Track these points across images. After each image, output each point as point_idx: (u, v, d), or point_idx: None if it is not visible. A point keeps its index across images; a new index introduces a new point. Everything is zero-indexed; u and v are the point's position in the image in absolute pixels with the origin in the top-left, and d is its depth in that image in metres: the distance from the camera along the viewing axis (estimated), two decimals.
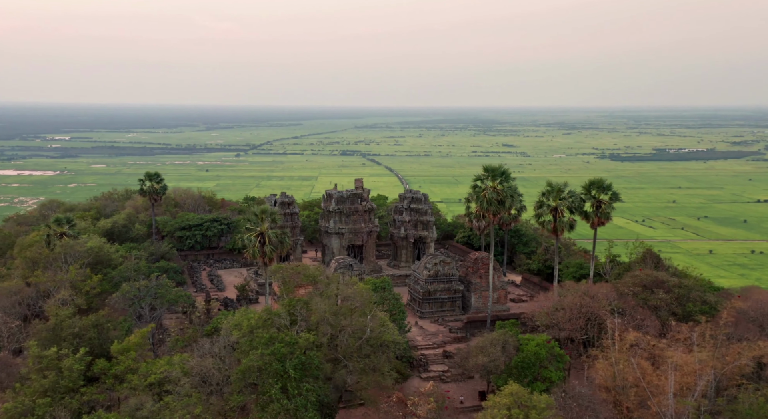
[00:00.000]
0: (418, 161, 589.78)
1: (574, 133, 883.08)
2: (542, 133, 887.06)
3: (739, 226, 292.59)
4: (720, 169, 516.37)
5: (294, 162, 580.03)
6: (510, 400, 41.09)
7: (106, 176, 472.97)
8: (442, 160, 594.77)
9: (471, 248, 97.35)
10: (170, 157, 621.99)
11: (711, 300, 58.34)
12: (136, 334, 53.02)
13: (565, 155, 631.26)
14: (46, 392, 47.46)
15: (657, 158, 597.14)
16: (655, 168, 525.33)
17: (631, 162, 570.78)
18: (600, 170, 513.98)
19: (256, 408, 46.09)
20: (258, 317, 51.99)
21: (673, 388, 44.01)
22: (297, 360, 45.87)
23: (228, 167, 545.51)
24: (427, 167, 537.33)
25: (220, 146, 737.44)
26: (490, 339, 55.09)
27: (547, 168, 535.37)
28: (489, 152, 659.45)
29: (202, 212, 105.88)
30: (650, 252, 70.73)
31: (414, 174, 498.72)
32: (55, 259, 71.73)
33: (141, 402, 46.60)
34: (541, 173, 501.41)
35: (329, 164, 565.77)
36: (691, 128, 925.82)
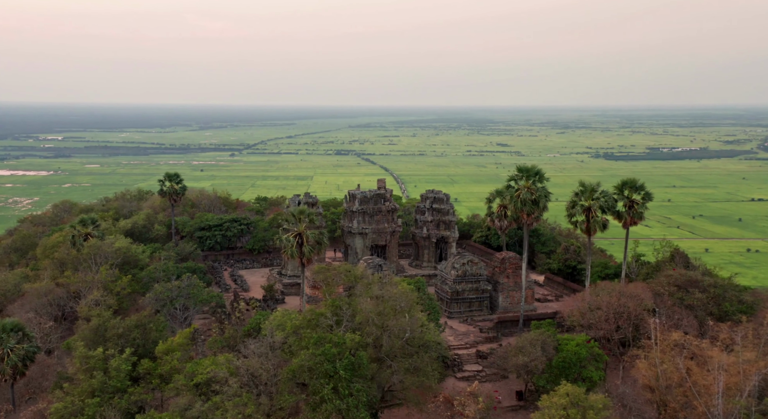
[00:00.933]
0: (413, 160, 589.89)
1: (567, 132, 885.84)
2: (536, 132, 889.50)
3: (734, 224, 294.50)
4: (713, 168, 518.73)
5: (289, 162, 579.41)
6: (566, 400, 41.27)
7: (100, 175, 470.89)
8: (437, 159, 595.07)
9: (489, 248, 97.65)
10: (164, 157, 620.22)
11: (748, 300, 58.79)
12: (180, 334, 53.14)
13: (559, 154, 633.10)
14: (94, 392, 47.60)
15: (650, 157, 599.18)
16: (648, 167, 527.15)
17: (624, 161, 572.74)
18: (594, 169, 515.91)
19: (307, 408, 46.22)
20: (302, 317, 52.12)
21: (721, 388, 44.33)
22: (347, 361, 46.02)
23: (223, 166, 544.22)
24: (423, 167, 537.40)
25: (214, 145, 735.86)
26: (528, 339, 55.32)
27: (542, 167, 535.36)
28: (483, 151, 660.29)
29: (218, 212, 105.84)
30: (678, 252, 71.24)
31: (409, 174, 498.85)
32: (83, 260, 71.68)
33: (189, 402, 46.73)
34: None
35: (324, 164, 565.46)
36: (684, 127, 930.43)
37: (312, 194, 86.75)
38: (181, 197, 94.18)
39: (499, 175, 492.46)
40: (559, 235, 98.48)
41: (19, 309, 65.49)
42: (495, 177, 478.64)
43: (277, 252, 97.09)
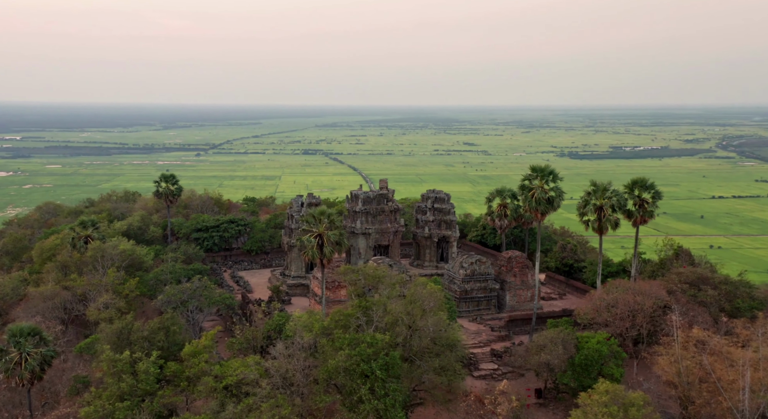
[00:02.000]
0: (382, 159, 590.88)
1: (532, 131, 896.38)
2: (501, 131, 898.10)
3: (697, 221, 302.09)
4: (674, 166, 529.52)
5: (256, 161, 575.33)
6: (607, 398, 41.89)
7: (62, 176, 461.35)
8: (405, 159, 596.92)
9: (485, 247, 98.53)
10: (128, 157, 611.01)
11: (759, 296, 60.42)
12: (205, 336, 52.77)
13: (525, 153, 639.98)
14: (122, 396, 47.00)
15: (614, 156, 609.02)
16: (612, 166, 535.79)
17: (589, 160, 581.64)
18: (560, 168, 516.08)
19: (344, 408, 46.20)
20: (330, 318, 52.02)
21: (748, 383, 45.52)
22: (382, 361, 46.10)
23: (189, 166, 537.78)
24: (391, 166, 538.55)
25: (179, 145, 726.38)
26: (548, 337, 56.02)
27: (509, 166, 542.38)
28: (451, 150, 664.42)
29: (211, 213, 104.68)
30: (683, 249, 72.89)
31: (378, 173, 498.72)
32: (86, 263, 70.41)
33: (221, 404, 46.42)
34: (503, 171, 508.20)
35: (292, 163, 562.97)
36: (645, 127, 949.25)
37: (315, 194, 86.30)
38: (177, 198, 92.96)
39: (467, 174, 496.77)
40: (553, 234, 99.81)
41: (25, 313, 64.14)
42: (463, 176, 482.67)
43: (276, 253, 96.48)
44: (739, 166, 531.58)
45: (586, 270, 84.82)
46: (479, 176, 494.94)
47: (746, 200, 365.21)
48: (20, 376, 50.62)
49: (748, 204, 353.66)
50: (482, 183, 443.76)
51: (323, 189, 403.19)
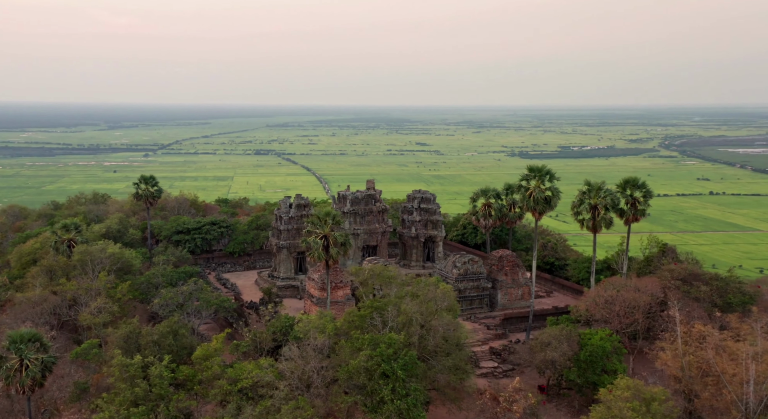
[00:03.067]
0: (335, 160, 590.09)
1: (483, 131, 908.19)
2: (452, 131, 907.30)
3: (644, 219, 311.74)
4: (621, 165, 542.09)
5: (207, 162, 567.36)
6: (629, 393, 42.91)
7: (3, 178, 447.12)
8: (359, 159, 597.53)
9: (467, 246, 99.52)
10: (72, 157, 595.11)
11: (749, 291, 62.77)
12: (216, 339, 52.16)
13: (477, 153, 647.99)
14: (136, 401, 46.01)
15: (562, 156, 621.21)
16: (561, 165, 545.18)
17: (539, 159, 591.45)
18: (511, 168, 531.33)
19: (365, 409, 46.18)
20: (344, 319, 51.91)
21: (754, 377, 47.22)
22: (402, 361, 46.28)
23: (137, 167, 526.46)
24: (345, 166, 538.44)
25: (126, 145, 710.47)
26: (552, 335, 57.02)
27: (461, 166, 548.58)
28: (404, 150, 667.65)
29: (187, 215, 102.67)
30: (668, 247, 75.11)
31: (332, 173, 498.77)
32: (73, 267, 68.40)
33: (238, 407, 45.95)
34: (456, 171, 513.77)
35: (244, 164, 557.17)
36: (591, 127, 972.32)
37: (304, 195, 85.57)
38: (156, 200, 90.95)
39: (421, 174, 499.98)
40: (532, 232, 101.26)
41: (12, 320, 62.04)
42: (417, 176, 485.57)
43: (258, 254, 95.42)
44: (682, 165, 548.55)
45: (570, 268, 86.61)
46: (433, 176, 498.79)
47: (689, 198, 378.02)
48: (21, 383, 49.17)
49: (691, 202, 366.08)
50: (436, 183, 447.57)
51: (277, 190, 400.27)
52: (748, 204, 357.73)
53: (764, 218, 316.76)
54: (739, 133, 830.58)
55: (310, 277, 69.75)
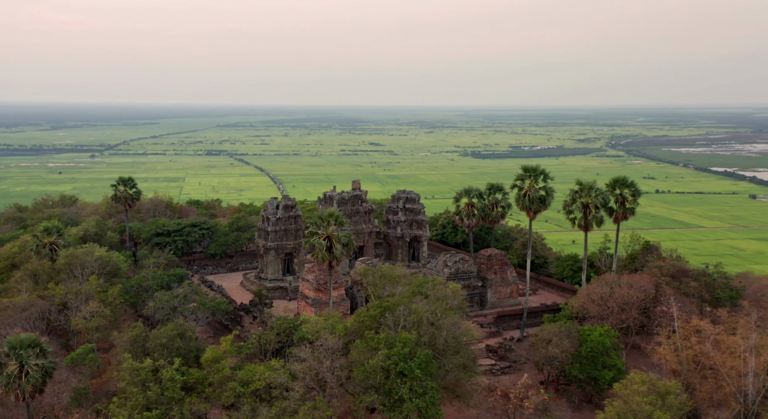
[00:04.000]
0: (288, 160, 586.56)
1: (435, 131, 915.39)
2: (405, 131, 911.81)
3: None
4: (570, 165, 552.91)
5: (156, 163, 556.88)
6: (645, 388, 44.01)
7: None
8: (312, 159, 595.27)
9: (447, 246, 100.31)
10: (14, 159, 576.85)
11: (735, 286, 65.10)
12: (224, 341, 51.59)
13: (430, 153, 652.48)
14: (148, 405, 45.11)
15: (514, 155, 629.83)
16: (513, 165, 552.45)
17: (491, 159, 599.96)
18: (465, 168, 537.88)
19: (383, 408, 46.24)
20: (354, 319, 51.80)
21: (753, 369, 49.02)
22: (419, 360, 46.52)
23: (83, 168, 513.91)
24: (299, 167, 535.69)
25: (71, 146, 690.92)
26: (552, 331, 58.03)
27: (416, 166, 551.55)
28: (357, 150, 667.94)
29: (163, 217, 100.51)
30: (650, 244, 77.34)
31: (286, 174, 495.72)
32: (59, 270, 66.52)
33: (253, 409, 45.55)
34: (410, 171, 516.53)
35: (195, 165, 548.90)
36: (540, 127, 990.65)
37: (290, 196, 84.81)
38: (136, 202, 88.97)
39: (375, 174, 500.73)
40: (511, 231, 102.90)
41: (0, 325, 59.70)
42: (372, 176, 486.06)
43: (240, 256, 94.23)
44: (628, 164, 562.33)
45: (552, 265, 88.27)
46: (387, 176, 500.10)
47: None
48: (22, 390, 47.69)
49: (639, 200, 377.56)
50: (391, 183, 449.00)
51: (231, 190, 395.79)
52: (692, 202, 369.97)
53: (707, 216, 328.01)
54: (680, 133, 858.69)
55: (304, 278, 69.31)
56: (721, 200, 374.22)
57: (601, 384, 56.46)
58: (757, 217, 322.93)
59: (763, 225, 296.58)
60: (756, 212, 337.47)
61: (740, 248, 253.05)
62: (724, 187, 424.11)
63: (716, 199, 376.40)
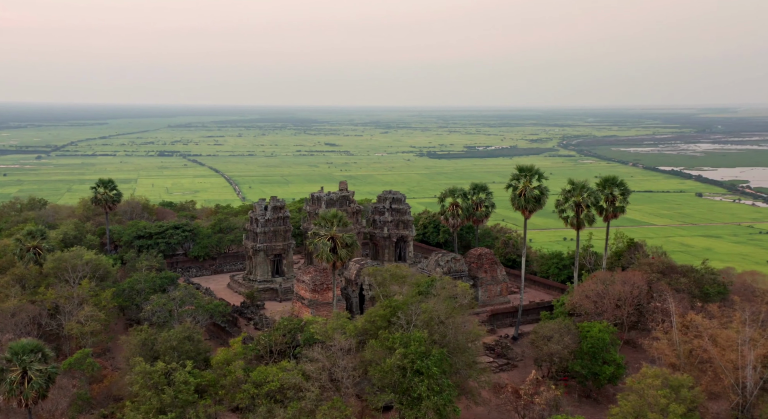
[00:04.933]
0: (243, 161, 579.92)
1: (390, 132, 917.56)
2: (361, 132, 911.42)
3: (549, 216, 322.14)
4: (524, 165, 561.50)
5: (107, 164, 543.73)
6: (659, 381, 45.19)
7: None
8: (268, 160, 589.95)
9: (428, 246, 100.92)
10: None
11: (723, 281, 67.32)
12: (233, 343, 51.14)
13: (386, 153, 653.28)
14: (163, 408, 44.57)
15: (469, 155, 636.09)
16: (468, 165, 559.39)
17: (447, 159, 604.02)
18: (421, 168, 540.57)
19: (401, 406, 46.48)
20: (365, 319, 51.93)
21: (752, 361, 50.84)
22: (435, 358, 46.92)
23: (29, 170, 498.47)
24: (254, 167, 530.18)
25: (15, 147, 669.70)
26: (553, 328, 59.12)
27: (372, 166, 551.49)
28: (313, 151, 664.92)
29: (139, 218, 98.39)
30: (634, 242, 79.42)
31: (241, 175, 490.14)
32: (47, 275, 64.71)
33: (269, 411, 45.53)
34: (367, 171, 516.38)
35: (147, 166, 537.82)
36: (494, 127, 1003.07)
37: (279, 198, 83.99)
38: (116, 204, 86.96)
39: (332, 174, 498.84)
40: (491, 230, 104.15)
41: None
42: (329, 177, 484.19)
43: (224, 258, 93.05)
44: (580, 163, 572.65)
45: (535, 264, 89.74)
46: (345, 177, 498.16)
47: None
48: (25, 396, 46.54)
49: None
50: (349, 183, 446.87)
51: (185, 192, 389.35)
52: (642, 200, 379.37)
53: (657, 213, 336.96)
54: (628, 133, 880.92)
55: (300, 279, 68.93)
56: (670, 198, 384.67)
57: (602, 380, 57.81)
58: (704, 214, 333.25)
59: (710, 222, 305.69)
60: (702, 209, 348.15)
61: (689, 245, 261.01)
62: (671, 185, 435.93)
63: (665, 197, 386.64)
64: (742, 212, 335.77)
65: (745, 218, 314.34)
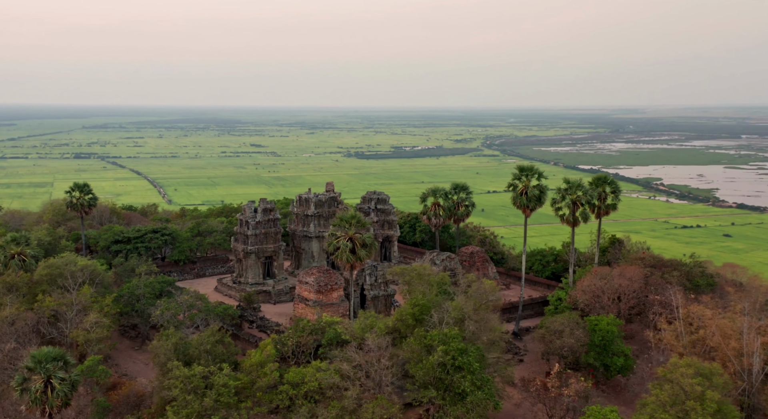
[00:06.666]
0: (166, 162, 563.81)
1: (316, 132, 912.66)
2: (286, 132, 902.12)
3: (479, 215, 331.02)
4: (451, 164, 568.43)
5: (19, 167, 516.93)
6: (692, 370, 47.15)
7: None
8: (192, 161, 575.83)
9: (405, 245, 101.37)
10: None
11: (711, 274, 70.87)
12: (263, 345, 50.45)
13: (314, 154, 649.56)
14: (205, 412, 44.41)
15: (396, 156, 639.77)
16: (396, 165, 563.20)
17: (375, 160, 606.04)
18: (350, 168, 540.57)
19: (443, 402, 46.82)
20: (395, 318, 52.09)
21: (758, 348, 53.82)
22: (474, 354, 47.52)
23: None
24: (178, 169, 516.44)
25: None
26: (563, 323, 60.73)
27: (301, 167, 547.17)
28: (239, 152, 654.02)
29: (108, 223, 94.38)
30: (616, 238, 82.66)
31: (165, 177, 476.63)
32: (39, 282, 61.62)
33: (310, 411, 46.06)
34: (296, 172, 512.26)
35: (64, 169, 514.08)
36: (419, 127, 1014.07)
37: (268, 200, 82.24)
38: (92, 208, 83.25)
39: (260, 176, 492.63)
40: (465, 229, 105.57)
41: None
42: (257, 178, 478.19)
43: (204, 262, 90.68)
44: (504, 163, 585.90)
45: (515, 261, 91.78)
46: (273, 178, 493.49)
47: None
48: (50, 404, 44.91)
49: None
50: (278, 185, 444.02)
51: (107, 195, 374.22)
52: None
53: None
54: (548, 133, 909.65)
55: (303, 281, 68.02)
56: None
57: (613, 371, 59.90)
58: (623, 211, 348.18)
59: (630, 218, 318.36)
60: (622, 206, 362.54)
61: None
62: None
63: None
64: (657, 208, 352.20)
65: (661, 214, 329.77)
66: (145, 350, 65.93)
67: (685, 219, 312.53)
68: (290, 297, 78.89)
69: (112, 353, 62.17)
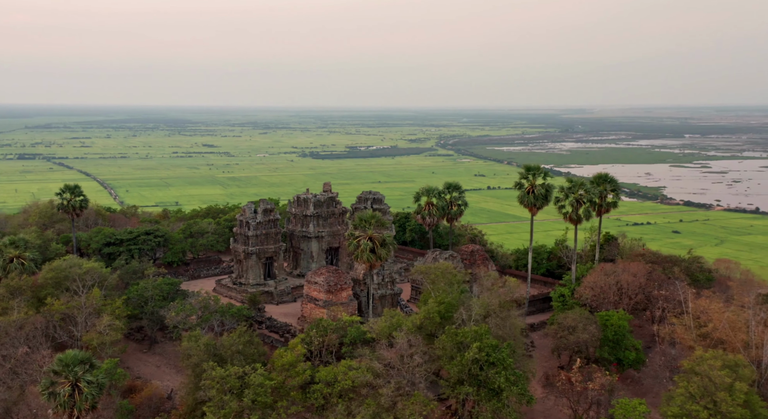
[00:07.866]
0: (116, 163, 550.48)
1: (269, 132, 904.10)
2: (239, 132, 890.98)
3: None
4: (406, 164, 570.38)
5: None
6: (719, 363, 48.48)
7: None
8: (143, 162, 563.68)
9: (397, 244, 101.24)
10: None
11: (707, 269, 73.06)
12: (292, 344, 50.01)
13: (268, 154, 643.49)
14: (242, 412, 44.39)
15: (351, 155, 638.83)
16: (352, 165, 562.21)
17: (330, 159, 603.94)
18: (305, 168, 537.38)
19: (478, 397, 47.10)
20: (422, 316, 52.22)
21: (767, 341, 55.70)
22: (506, 350, 47.98)
23: None
24: (129, 170, 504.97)
25: None
26: (576, 319, 61.74)
27: (255, 168, 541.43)
28: (191, 152, 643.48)
29: (94, 225, 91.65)
30: (609, 236, 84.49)
31: (115, 178, 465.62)
32: (43, 285, 59.59)
33: (347, 409, 46.30)
34: (251, 173, 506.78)
35: (8, 170, 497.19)
36: (373, 127, 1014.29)
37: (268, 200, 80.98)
38: (84, 210, 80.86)
39: (215, 176, 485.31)
40: (456, 228, 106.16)
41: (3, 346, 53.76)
42: (211, 178, 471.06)
43: (197, 263, 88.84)
44: (459, 162, 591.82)
45: (508, 258, 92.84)
46: (228, 178, 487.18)
47: (471, 193, 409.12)
48: (78, 408, 44.16)
49: (473, 196, 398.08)
50: (233, 185, 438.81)
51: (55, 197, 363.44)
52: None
53: None
54: (500, 133, 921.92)
55: (312, 281, 67.42)
56: None
57: (625, 365, 61.20)
58: None
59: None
60: None
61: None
62: None
63: None
64: None
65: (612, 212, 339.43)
66: (155, 352, 64.57)
67: (636, 216, 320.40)
68: (292, 298, 78.19)
69: (121, 356, 60.76)
